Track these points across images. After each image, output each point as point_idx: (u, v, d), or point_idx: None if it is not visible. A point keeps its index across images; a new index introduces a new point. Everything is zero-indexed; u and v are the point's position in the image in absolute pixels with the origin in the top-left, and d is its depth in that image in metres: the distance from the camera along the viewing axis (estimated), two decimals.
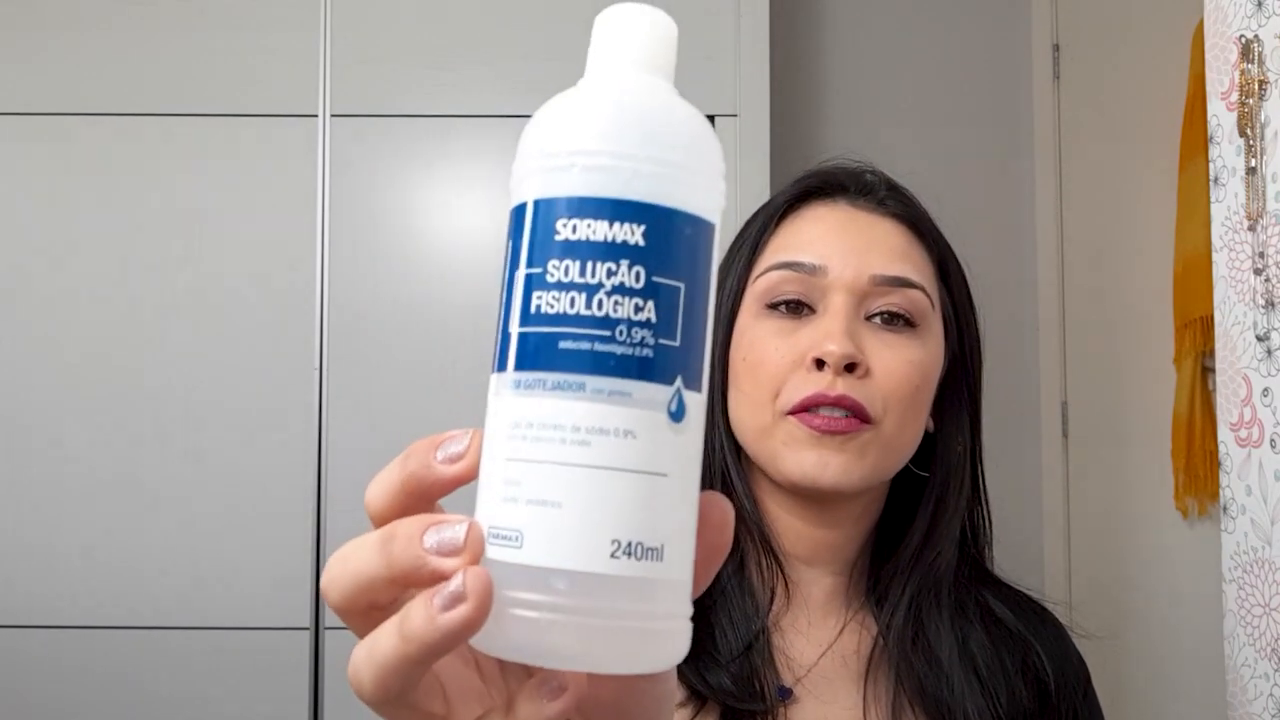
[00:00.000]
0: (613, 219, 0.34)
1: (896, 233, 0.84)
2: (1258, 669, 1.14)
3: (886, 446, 0.79)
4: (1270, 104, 1.14)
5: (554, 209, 0.34)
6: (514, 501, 0.33)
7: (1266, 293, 1.13)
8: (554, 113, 0.38)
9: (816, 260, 0.81)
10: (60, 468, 1.96)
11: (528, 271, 0.35)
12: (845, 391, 0.77)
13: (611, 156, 0.35)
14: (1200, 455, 1.97)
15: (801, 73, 2.59)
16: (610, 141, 0.35)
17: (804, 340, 0.79)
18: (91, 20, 2.02)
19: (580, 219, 0.34)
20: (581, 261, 0.34)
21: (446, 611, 0.33)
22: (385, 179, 2.02)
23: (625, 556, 0.33)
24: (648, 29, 0.38)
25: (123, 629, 1.94)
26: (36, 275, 2.00)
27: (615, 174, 0.35)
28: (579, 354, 0.33)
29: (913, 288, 0.81)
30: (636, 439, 0.33)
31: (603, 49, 0.39)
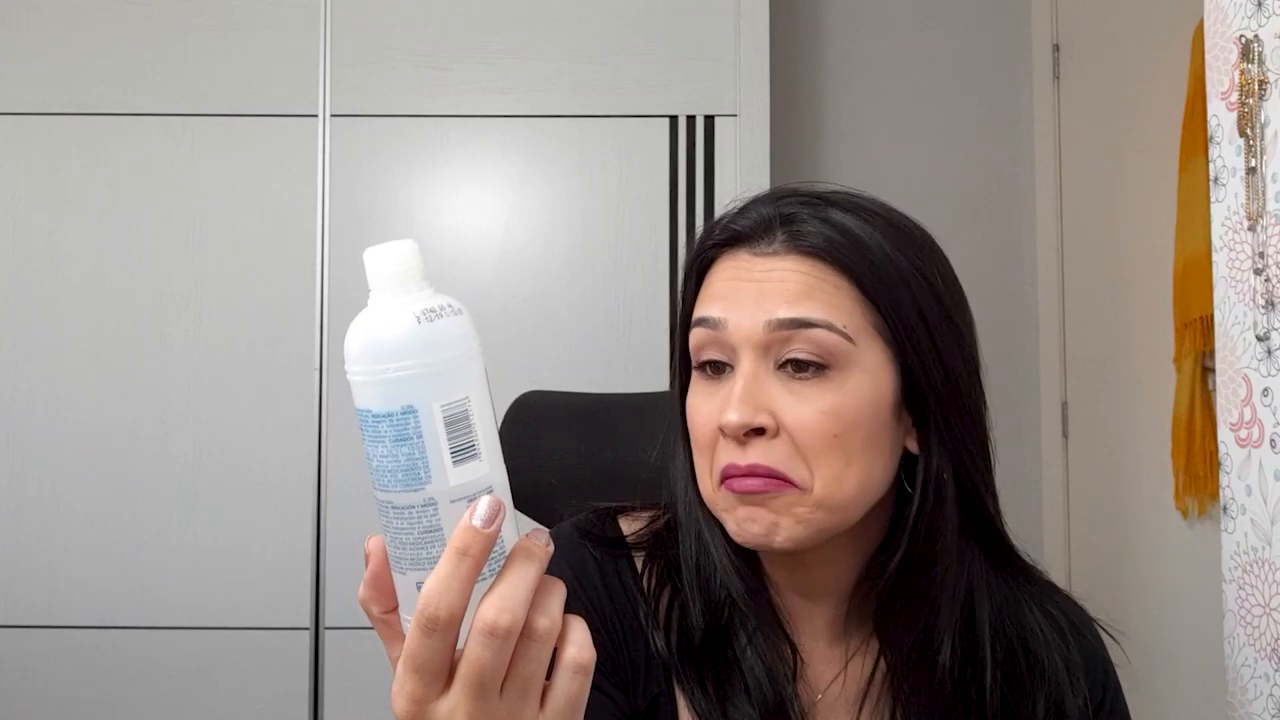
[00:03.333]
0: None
1: (804, 268, 0.78)
2: (1258, 669, 1.14)
3: (822, 504, 0.76)
4: (1270, 104, 1.13)
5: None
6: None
7: (1266, 293, 1.13)
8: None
9: (719, 314, 0.79)
10: (60, 467, 1.96)
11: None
12: (755, 460, 0.76)
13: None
14: (1200, 455, 1.97)
15: (801, 73, 2.59)
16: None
17: (719, 403, 0.78)
18: (91, 20, 2.02)
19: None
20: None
21: (491, 523, 0.52)
22: (385, 179, 2.02)
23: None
24: (395, 259, 0.53)
25: (123, 629, 1.94)
26: (36, 275, 2.00)
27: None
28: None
29: (813, 327, 0.76)
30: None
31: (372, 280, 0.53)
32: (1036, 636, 0.83)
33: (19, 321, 1.99)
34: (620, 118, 2.03)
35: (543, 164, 2.02)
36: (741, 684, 0.78)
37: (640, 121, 2.03)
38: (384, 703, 2.02)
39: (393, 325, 0.52)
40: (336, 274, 2.00)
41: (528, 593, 0.52)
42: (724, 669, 0.79)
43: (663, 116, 2.03)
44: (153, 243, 2.00)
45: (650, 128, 2.03)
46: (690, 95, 2.04)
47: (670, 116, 2.03)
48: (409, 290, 0.53)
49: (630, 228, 2.02)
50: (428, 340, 0.52)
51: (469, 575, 0.51)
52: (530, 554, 0.54)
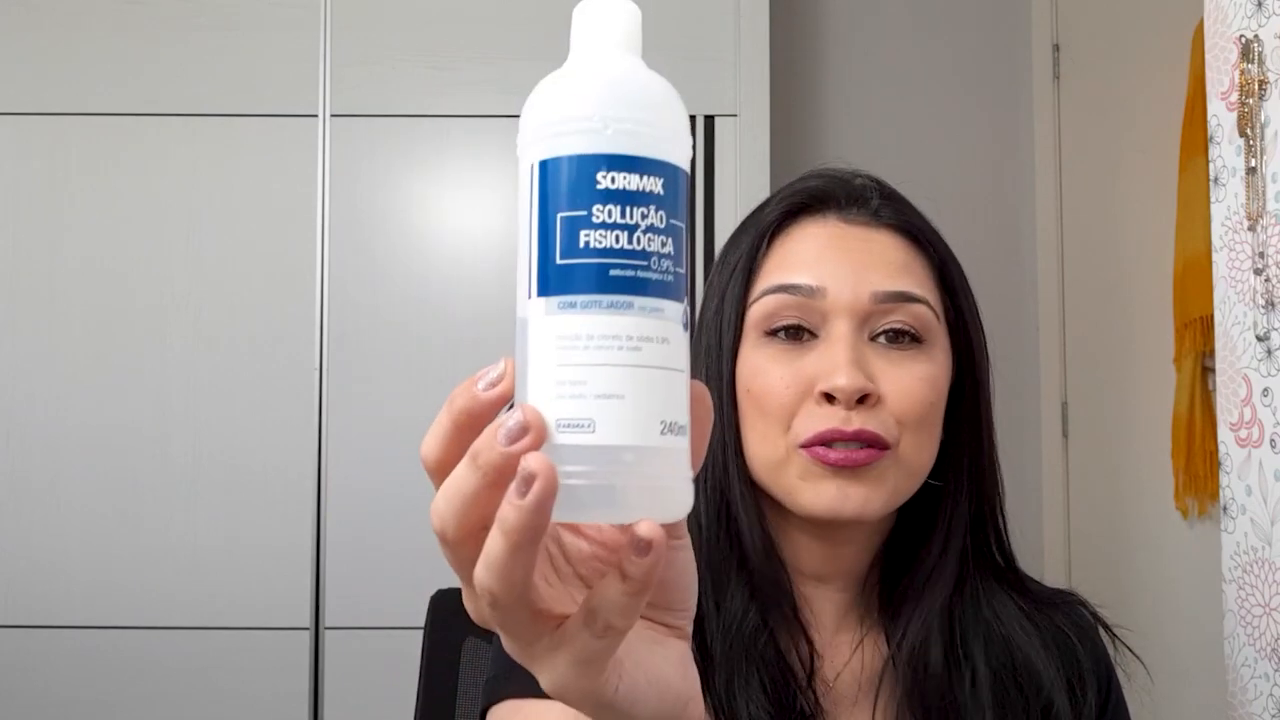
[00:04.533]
0: (643, 173, 0.43)
1: (894, 244, 0.80)
2: (1258, 669, 1.14)
3: (905, 469, 0.78)
4: (1270, 104, 1.14)
5: (593, 163, 0.42)
6: (581, 398, 0.41)
7: (1266, 293, 1.13)
8: (575, 84, 0.45)
9: (814, 282, 0.78)
10: (60, 468, 1.96)
11: (570, 214, 0.42)
12: (861, 426, 0.75)
13: (635, 123, 0.43)
14: (1200, 455, 1.97)
15: (801, 73, 2.59)
16: (635, 109, 0.44)
17: (809, 368, 0.77)
18: (91, 20, 2.02)
19: (619, 172, 0.42)
20: (622, 206, 0.42)
21: (524, 495, 0.39)
22: (385, 179, 2.02)
23: (669, 433, 0.42)
24: (626, 17, 0.47)
25: (123, 629, 1.94)
26: (36, 275, 2.00)
27: (640, 137, 0.43)
28: (627, 280, 0.42)
29: (916, 302, 0.78)
30: (669, 344, 0.43)
31: (592, 35, 0.46)
32: (1028, 642, 0.83)
33: (19, 321, 1.99)
34: None
35: None
36: (759, 679, 0.77)
37: None
38: (384, 703, 2.04)
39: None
40: (336, 274, 2.00)
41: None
42: (741, 665, 0.78)
43: None
44: (153, 243, 2.00)
45: None
46: (690, 95, 2.02)
47: None
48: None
49: None
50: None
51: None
52: None
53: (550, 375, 0.42)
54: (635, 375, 0.42)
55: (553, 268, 0.42)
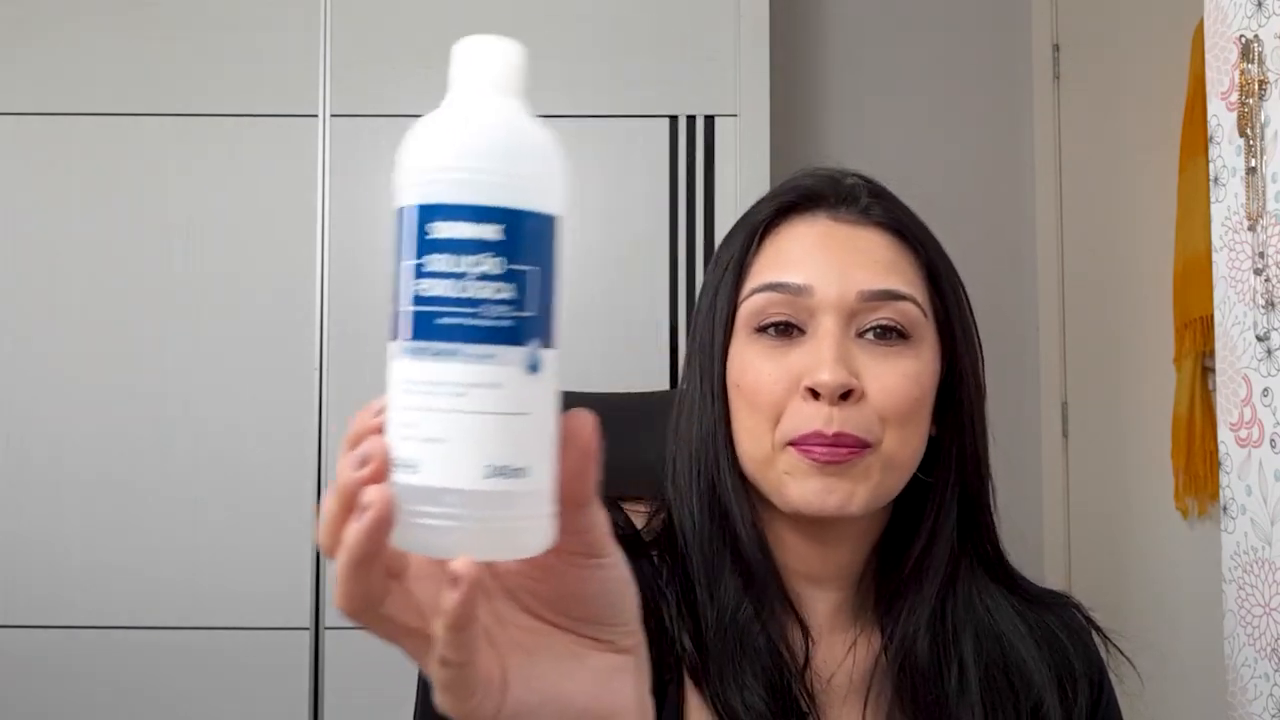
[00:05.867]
0: (475, 221, 0.43)
1: (882, 243, 0.81)
2: (1258, 669, 1.14)
3: (888, 465, 0.78)
4: (1270, 104, 1.14)
5: (429, 213, 0.44)
6: (410, 440, 0.44)
7: (1266, 293, 1.13)
8: (426, 132, 0.46)
9: (801, 280, 0.79)
10: (60, 468, 1.96)
11: (409, 263, 0.44)
12: (841, 428, 0.76)
13: (471, 171, 0.44)
14: (1200, 455, 1.97)
15: (801, 73, 2.59)
16: (471, 159, 0.45)
17: (796, 364, 0.78)
18: (91, 20, 2.02)
19: (448, 221, 0.44)
20: (451, 255, 0.43)
21: (359, 521, 0.43)
22: (385, 179, 2.00)
23: (496, 476, 0.43)
24: (501, 58, 0.47)
25: (123, 629, 1.94)
26: (36, 275, 2.00)
27: (476, 185, 0.44)
28: (453, 328, 0.43)
29: (902, 299, 0.79)
30: (502, 389, 0.44)
31: (463, 76, 0.47)
32: (1020, 639, 0.83)
33: (19, 321, 1.99)
34: (620, 118, 2.03)
35: None
36: (752, 669, 0.77)
37: (640, 121, 2.03)
38: (384, 703, 2.04)
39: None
40: (336, 274, 2.00)
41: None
42: (735, 656, 0.78)
43: (663, 116, 2.03)
44: (153, 243, 2.00)
45: (650, 128, 2.03)
46: (690, 95, 2.04)
47: (670, 116, 2.03)
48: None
49: (630, 228, 2.02)
50: None
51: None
52: None
53: (393, 416, 0.45)
54: (459, 421, 0.43)
55: (397, 313, 0.45)
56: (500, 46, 0.47)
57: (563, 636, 0.49)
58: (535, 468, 0.44)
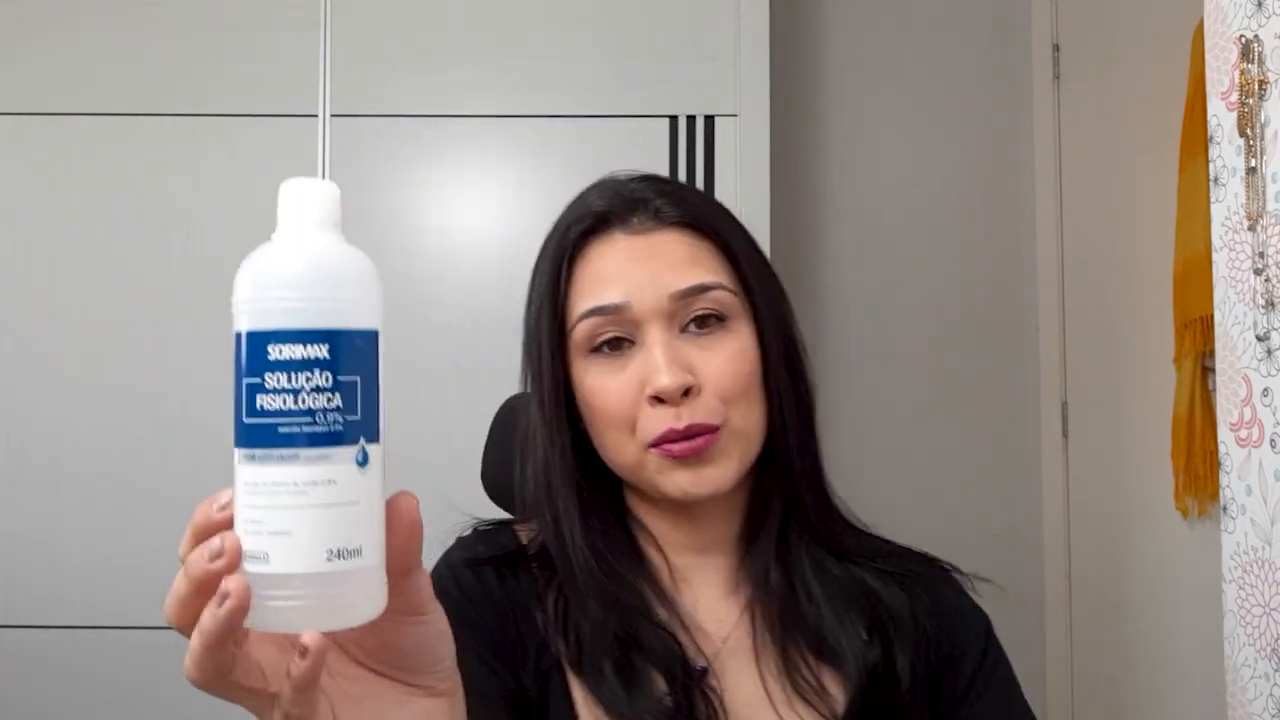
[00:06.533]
0: (305, 343, 0.50)
1: (679, 240, 0.87)
2: (1258, 669, 1.14)
3: (742, 437, 0.86)
4: (1270, 104, 1.14)
5: (265, 338, 0.50)
6: (259, 534, 0.49)
7: (1266, 293, 1.13)
8: (258, 265, 0.53)
9: (617, 299, 0.85)
10: (60, 468, 1.96)
11: (250, 380, 0.51)
12: (691, 419, 0.83)
13: (299, 300, 0.51)
14: (1200, 455, 1.97)
15: (801, 73, 2.59)
16: (299, 289, 0.51)
17: (635, 374, 0.85)
18: (91, 20, 2.02)
19: (282, 344, 0.50)
20: (288, 373, 0.50)
21: (219, 606, 0.48)
22: (385, 179, 2.02)
23: (338, 559, 0.49)
24: (319, 197, 0.55)
25: (123, 629, 1.94)
26: (36, 275, 2.00)
27: (304, 312, 0.51)
28: (292, 435, 0.50)
29: (711, 289, 0.86)
30: (337, 484, 0.50)
31: (288, 214, 0.55)
32: (862, 570, 0.90)
33: (19, 321, 1.99)
34: (620, 118, 2.03)
35: (542, 164, 2.02)
36: (643, 659, 0.84)
37: (640, 121, 2.03)
38: None
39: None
40: None
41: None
42: (605, 657, 0.84)
43: (663, 116, 2.03)
44: (153, 243, 2.00)
45: (650, 128, 2.03)
46: (690, 95, 2.04)
47: (670, 116, 2.03)
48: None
49: None
50: None
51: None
52: None
53: (241, 514, 0.50)
54: (300, 515, 0.49)
55: (241, 425, 0.51)
56: (319, 187, 0.55)
57: (387, 684, 0.56)
58: (367, 547, 0.51)
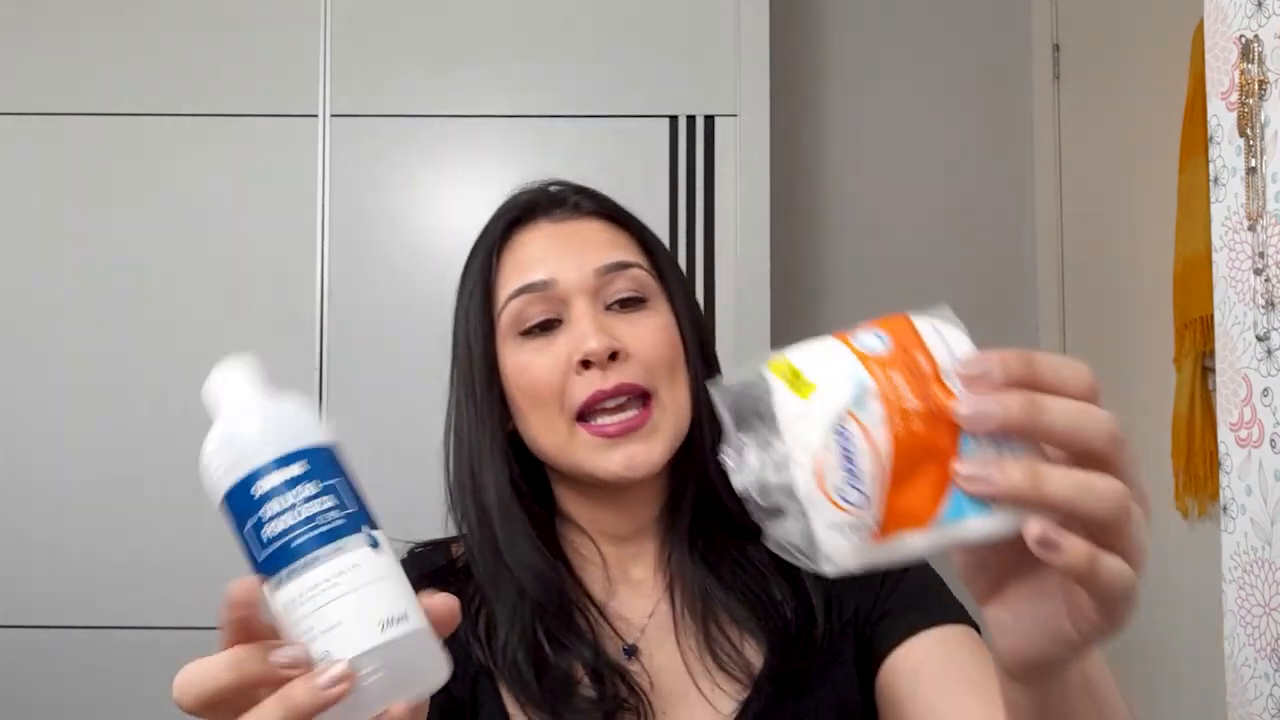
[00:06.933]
0: (282, 466, 0.56)
1: (598, 227, 0.93)
2: (1258, 669, 1.14)
3: (672, 414, 0.88)
4: (1270, 104, 1.14)
5: (250, 480, 0.56)
6: (315, 640, 0.53)
7: (1266, 293, 1.13)
8: (220, 443, 0.58)
9: (544, 275, 0.89)
10: (60, 468, 1.96)
11: (251, 522, 0.56)
12: (620, 379, 0.86)
13: (263, 442, 0.57)
14: (1200, 455, 1.97)
15: (801, 73, 2.59)
16: (262, 436, 0.58)
17: (563, 348, 0.87)
18: (91, 20, 2.02)
19: (264, 477, 0.56)
20: (278, 497, 0.55)
21: (329, 689, 0.50)
22: (385, 179, 2.02)
23: (390, 626, 0.53)
24: (242, 370, 0.63)
25: (123, 629, 1.94)
26: (36, 275, 2.00)
27: (273, 444, 0.57)
28: (306, 542, 0.54)
29: (632, 267, 0.91)
30: (360, 566, 0.54)
31: (226, 395, 0.61)
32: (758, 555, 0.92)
33: (19, 321, 1.99)
34: (620, 118, 2.03)
35: (543, 164, 2.01)
36: (563, 654, 0.85)
37: (640, 121, 2.03)
38: None
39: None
40: (337, 273, 2.00)
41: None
42: (539, 653, 0.86)
43: (663, 116, 2.03)
44: (152, 243, 2.00)
45: (650, 128, 2.03)
46: (690, 95, 2.04)
47: (670, 116, 2.03)
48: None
49: None
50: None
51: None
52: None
53: (293, 634, 0.54)
54: (342, 604, 0.53)
55: (259, 563, 0.56)
56: (237, 364, 0.62)
57: None
58: (411, 612, 0.54)
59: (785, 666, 0.87)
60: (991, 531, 0.46)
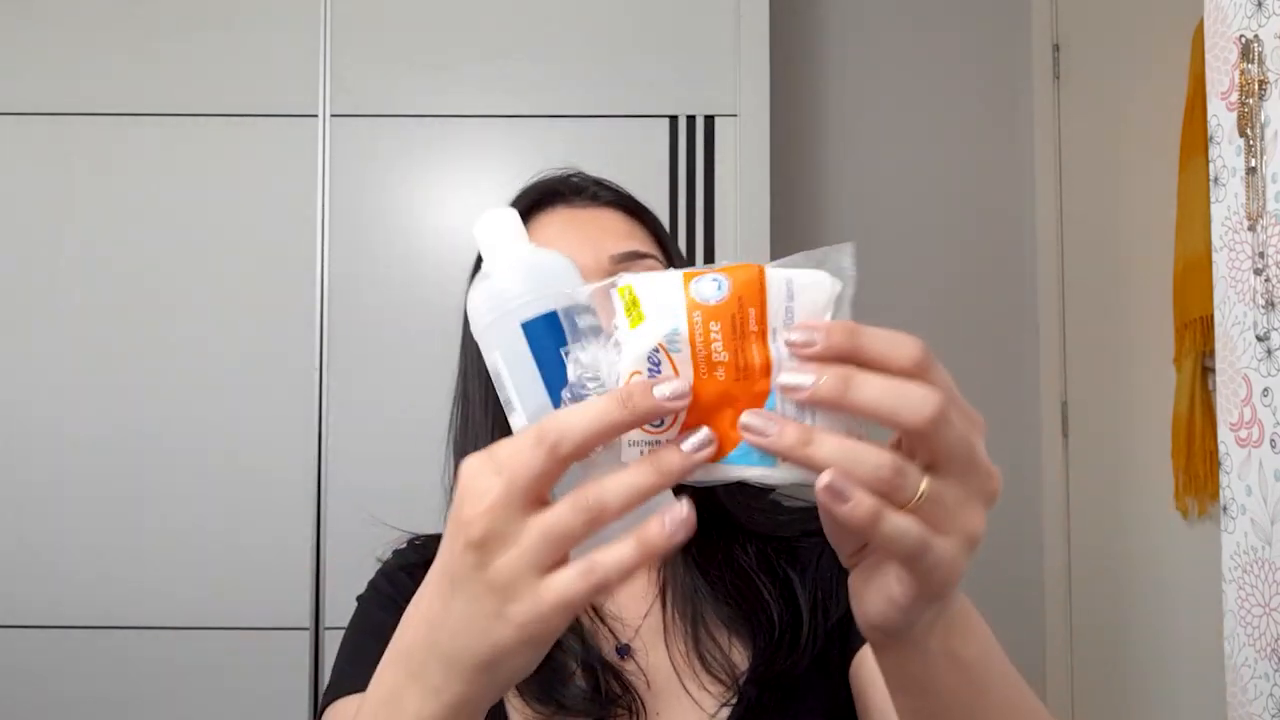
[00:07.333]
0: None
1: (616, 217, 0.94)
2: (1258, 669, 1.14)
3: None
4: (1270, 104, 1.14)
5: (571, 312, 0.58)
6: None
7: (1266, 293, 1.13)
8: (528, 268, 0.64)
9: None
10: (60, 468, 1.96)
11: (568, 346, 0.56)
12: None
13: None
14: (1200, 455, 1.97)
15: (801, 73, 2.59)
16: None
17: None
18: (91, 20, 2.02)
19: (584, 315, 0.57)
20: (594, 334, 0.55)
21: (698, 452, 0.49)
22: (385, 179, 2.02)
23: None
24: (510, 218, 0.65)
25: (123, 629, 1.94)
26: (36, 275, 2.00)
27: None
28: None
29: (647, 257, 0.91)
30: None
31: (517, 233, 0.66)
32: (788, 556, 0.92)
33: (19, 321, 1.99)
34: (620, 118, 2.03)
35: (543, 164, 2.01)
36: (558, 649, 0.85)
37: (640, 121, 2.03)
38: None
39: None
40: (337, 273, 2.00)
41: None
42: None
43: (663, 116, 2.03)
44: (153, 242, 2.00)
45: (650, 128, 2.03)
46: (690, 95, 2.04)
47: (670, 116, 2.03)
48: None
49: None
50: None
51: (613, 422, 0.49)
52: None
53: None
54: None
55: (563, 380, 0.55)
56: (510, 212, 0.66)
57: None
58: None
59: (769, 670, 0.87)
60: (766, 479, 0.51)
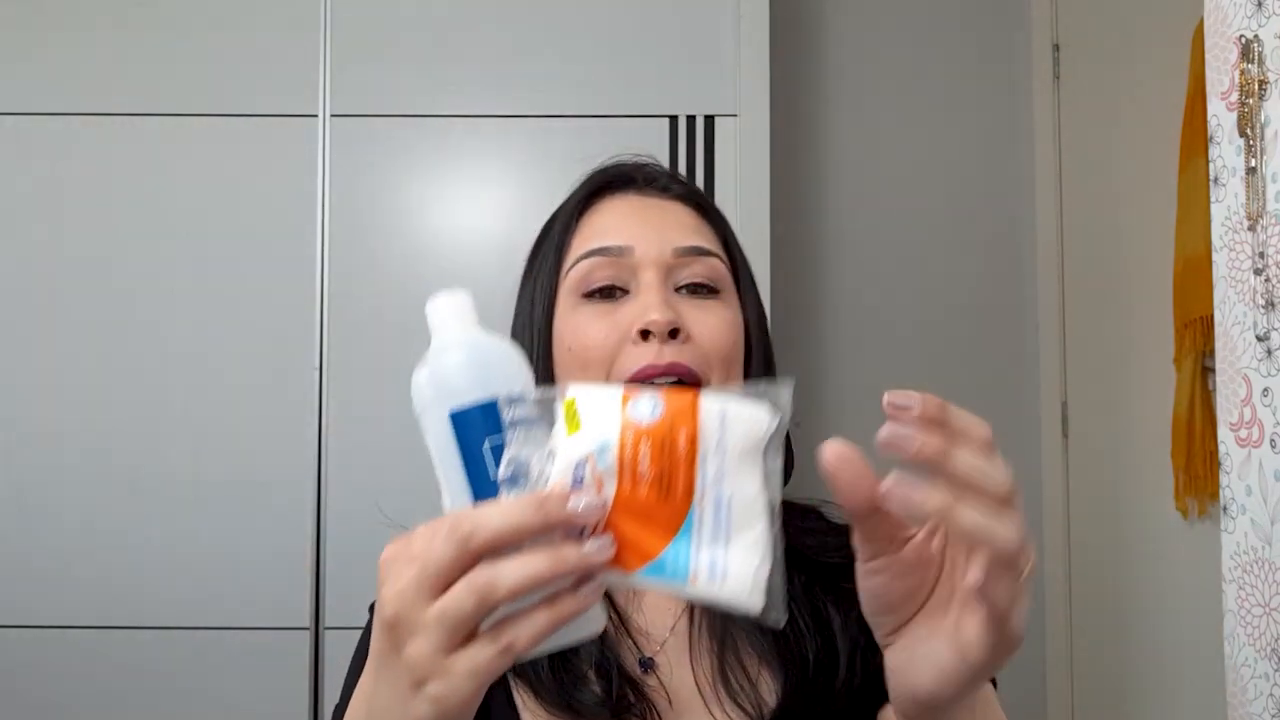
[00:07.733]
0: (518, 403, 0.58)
1: (686, 211, 0.92)
2: (1258, 669, 1.14)
3: None
4: (1270, 104, 1.14)
5: (491, 406, 0.60)
6: None
7: (1266, 293, 1.13)
8: (466, 358, 0.65)
9: (622, 242, 0.87)
10: (60, 468, 1.96)
11: (495, 441, 0.59)
12: (674, 359, 0.82)
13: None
14: (1200, 455, 1.97)
15: (801, 73, 2.59)
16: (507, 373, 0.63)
17: (625, 317, 0.85)
18: (91, 20, 2.02)
19: (516, 407, 0.58)
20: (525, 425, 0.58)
21: (598, 557, 0.52)
22: (385, 179, 2.02)
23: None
24: (467, 304, 0.66)
25: (123, 629, 1.94)
26: (36, 274, 2.00)
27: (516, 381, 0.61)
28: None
29: (711, 255, 0.89)
30: None
31: (463, 317, 0.67)
32: (830, 586, 0.87)
33: (19, 322, 1.99)
34: (620, 118, 2.03)
35: (543, 164, 2.02)
36: (580, 663, 0.83)
37: (640, 121, 2.03)
38: None
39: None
40: (336, 273, 2.00)
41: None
42: (558, 655, 0.82)
43: (663, 116, 2.03)
44: (152, 243, 2.00)
45: (650, 128, 2.03)
46: (690, 95, 2.04)
47: (670, 116, 2.03)
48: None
49: None
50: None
51: (524, 525, 0.52)
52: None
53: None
54: None
55: (487, 481, 0.58)
56: (460, 295, 0.67)
57: None
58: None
59: (799, 708, 0.83)
60: (678, 595, 0.55)
